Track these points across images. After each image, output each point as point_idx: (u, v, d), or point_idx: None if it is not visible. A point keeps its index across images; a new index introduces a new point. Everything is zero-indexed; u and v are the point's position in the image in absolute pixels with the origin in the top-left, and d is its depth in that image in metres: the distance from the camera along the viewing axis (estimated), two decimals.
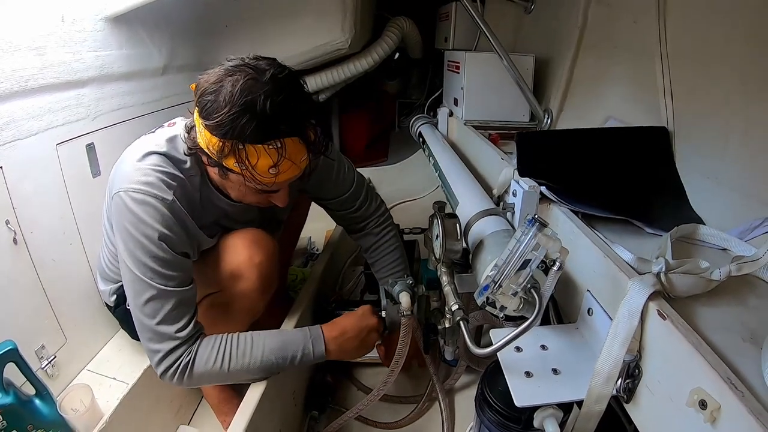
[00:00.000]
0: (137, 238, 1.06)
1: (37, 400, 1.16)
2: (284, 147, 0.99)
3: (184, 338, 1.08)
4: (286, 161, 1.00)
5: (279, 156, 0.99)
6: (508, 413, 0.98)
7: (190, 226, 1.17)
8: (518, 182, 1.16)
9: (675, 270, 0.78)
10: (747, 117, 1.07)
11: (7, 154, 1.22)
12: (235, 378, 1.16)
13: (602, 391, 0.76)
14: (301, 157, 1.04)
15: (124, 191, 1.07)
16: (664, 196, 1.21)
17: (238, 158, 0.99)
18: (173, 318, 1.07)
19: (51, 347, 1.33)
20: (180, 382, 1.09)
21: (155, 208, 1.07)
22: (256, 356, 1.14)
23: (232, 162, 1.01)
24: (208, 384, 1.14)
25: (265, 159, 0.99)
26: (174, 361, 1.08)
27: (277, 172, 1.02)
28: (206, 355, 1.10)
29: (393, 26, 2.68)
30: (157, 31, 1.84)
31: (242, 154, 0.99)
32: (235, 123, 0.96)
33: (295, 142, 1.01)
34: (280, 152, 0.99)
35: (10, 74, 1.22)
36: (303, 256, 2.51)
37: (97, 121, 1.54)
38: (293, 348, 1.19)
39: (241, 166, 1.00)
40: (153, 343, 1.08)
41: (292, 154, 1.01)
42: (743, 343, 0.69)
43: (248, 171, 1.01)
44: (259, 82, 0.97)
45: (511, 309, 0.86)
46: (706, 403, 0.59)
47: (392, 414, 1.57)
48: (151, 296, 1.05)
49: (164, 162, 1.13)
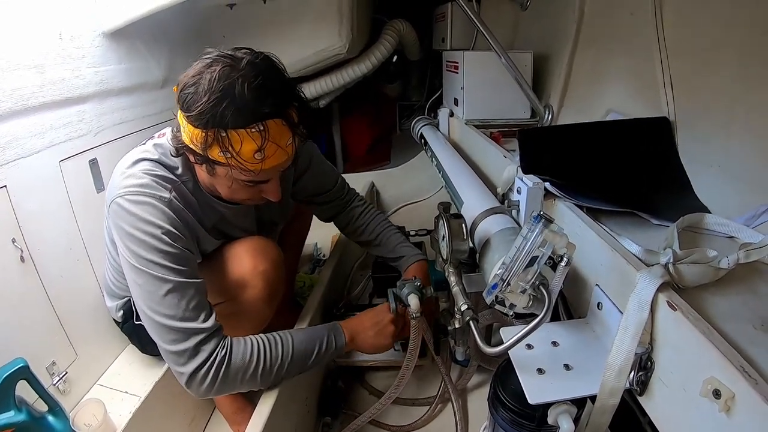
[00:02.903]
0: (140, 237, 1.04)
1: (50, 416, 1.16)
2: (267, 130, 0.99)
3: (209, 330, 1.05)
4: (271, 145, 1.00)
5: (263, 139, 0.99)
6: (521, 411, 0.97)
7: (191, 222, 1.17)
8: (522, 179, 1.16)
9: (683, 260, 0.78)
10: (748, 104, 1.07)
11: (11, 173, 1.23)
12: (270, 375, 1.13)
13: (615, 384, 0.75)
14: (286, 140, 1.04)
15: (120, 196, 1.07)
16: (668, 187, 1.21)
17: (222, 146, 0.99)
18: (194, 310, 1.05)
19: (62, 363, 1.34)
20: (213, 382, 1.05)
21: (154, 206, 1.07)
22: (287, 346, 1.14)
23: (217, 152, 1.01)
24: (238, 387, 1.10)
25: (249, 144, 0.99)
26: (207, 358, 1.03)
27: (263, 157, 1.01)
28: (241, 349, 1.08)
29: (390, 29, 2.68)
30: (155, 45, 1.86)
31: (225, 141, 0.98)
32: (215, 110, 0.96)
33: (278, 123, 1.01)
34: (263, 135, 0.99)
35: (10, 93, 1.23)
36: (310, 263, 2.52)
37: (100, 137, 1.55)
38: (318, 336, 1.20)
39: (226, 155, 1.00)
40: (176, 344, 1.03)
41: (276, 137, 1.01)
42: (755, 330, 0.68)
43: (233, 159, 1.00)
44: (236, 68, 0.98)
45: (521, 306, 0.86)
46: (720, 393, 0.58)
47: (405, 417, 1.57)
48: (167, 291, 1.03)
49: (156, 167, 1.14)
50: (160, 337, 1.06)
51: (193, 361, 1.03)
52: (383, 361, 1.62)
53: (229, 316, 1.28)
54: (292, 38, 2.27)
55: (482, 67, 2.01)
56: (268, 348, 1.12)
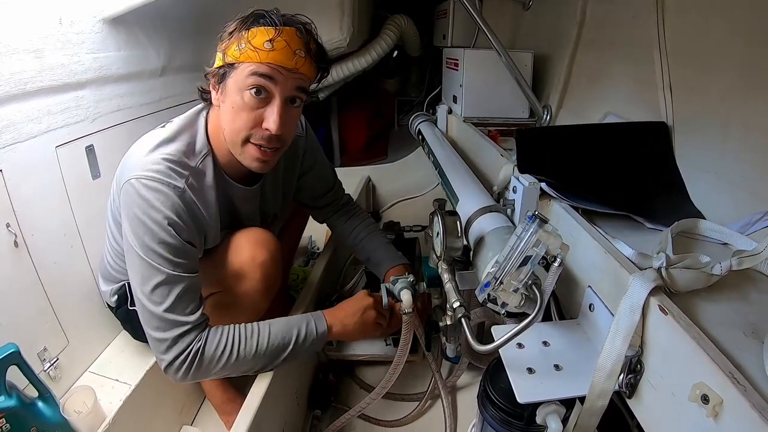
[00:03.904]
0: (146, 223, 1.06)
1: (40, 402, 1.16)
2: (281, 30, 1.07)
3: (192, 324, 1.09)
4: (281, 40, 1.07)
5: (276, 32, 1.07)
6: (510, 410, 0.98)
7: (200, 216, 1.18)
8: (518, 179, 1.16)
9: (676, 265, 0.78)
10: (746, 111, 1.07)
11: (7, 157, 1.22)
12: (244, 365, 1.15)
13: (605, 386, 0.76)
14: (297, 46, 1.10)
15: (136, 178, 1.08)
16: (664, 191, 1.21)
17: (238, 41, 1.08)
18: (181, 304, 1.08)
19: (53, 349, 1.33)
20: (188, 371, 1.09)
21: (166, 195, 1.08)
22: (263, 336, 1.16)
23: (233, 47, 1.09)
24: (215, 375, 1.13)
25: (263, 34, 1.07)
26: (184, 348, 1.07)
27: (272, 48, 1.07)
28: (216, 340, 1.11)
29: (391, 24, 2.68)
30: (155, 33, 1.85)
31: (243, 36, 1.08)
32: (242, 22, 1.09)
33: (292, 31, 1.09)
34: (277, 30, 1.07)
35: (8, 77, 1.22)
36: (304, 256, 2.52)
37: (97, 123, 1.54)
38: (296, 325, 1.22)
39: (240, 47, 1.08)
40: (160, 331, 1.07)
41: (289, 38, 1.08)
42: (745, 337, 0.69)
43: (245, 46, 1.07)
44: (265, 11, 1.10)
45: (513, 305, 0.86)
46: (708, 398, 0.59)
47: (395, 412, 1.58)
48: (159, 281, 1.06)
49: (176, 150, 1.15)
50: (146, 322, 1.10)
51: (171, 350, 1.08)
52: (374, 356, 1.63)
53: (225, 306, 1.29)
54: None
55: (482, 66, 2.01)
56: (242, 338, 1.14)
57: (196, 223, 1.16)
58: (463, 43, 2.43)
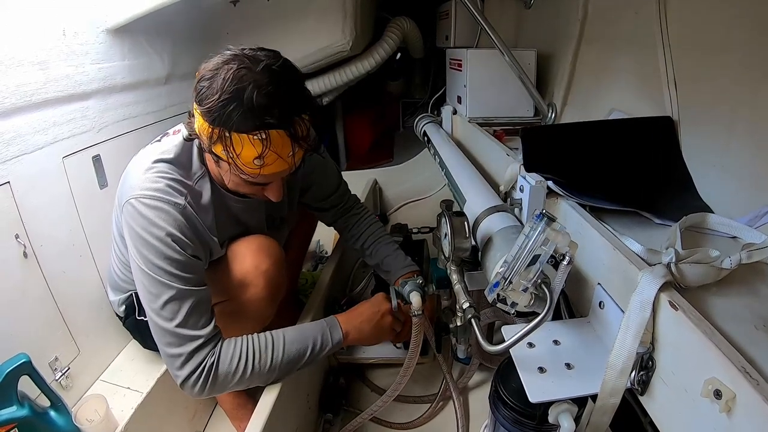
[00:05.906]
0: (150, 241, 1.06)
1: (52, 411, 1.16)
2: (269, 139, 0.98)
3: (205, 337, 1.07)
4: (271, 154, 1.00)
5: (264, 147, 0.99)
6: (522, 410, 0.97)
7: (202, 231, 1.18)
8: (525, 178, 1.16)
9: (685, 260, 0.78)
10: (752, 104, 1.06)
11: (14, 169, 1.23)
12: (260, 376, 1.15)
13: (616, 384, 0.75)
14: (288, 151, 1.03)
15: (135, 198, 1.08)
16: (671, 186, 1.21)
17: (225, 146, 1.00)
18: (192, 318, 1.07)
19: (64, 359, 1.34)
20: (203, 387, 1.08)
21: (167, 212, 1.08)
22: (278, 348, 1.15)
23: (220, 149, 1.01)
24: (232, 388, 1.13)
25: (250, 149, 0.99)
26: (198, 364, 1.06)
27: (262, 164, 1.01)
28: (230, 353, 1.10)
29: (393, 27, 2.69)
30: (158, 41, 1.85)
31: (228, 142, 0.99)
32: (223, 110, 0.96)
33: (281, 135, 1.00)
34: (264, 144, 0.98)
35: (14, 89, 1.23)
36: (312, 260, 2.52)
37: (103, 133, 1.55)
38: (312, 335, 1.21)
39: (228, 154, 1.01)
40: (173, 347, 1.06)
41: (278, 147, 1.01)
42: (756, 331, 0.68)
43: (233, 160, 1.01)
44: (252, 71, 0.98)
45: (522, 305, 0.86)
46: (720, 393, 0.58)
47: (406, 414, 1.57)
48: (168, 298, 1.05)
49: (172, 169, 1.15)
50: (158, 338, 1.09)
51: (186, 366, 1.06)
52: (385, 359, 1.63)
53: (231, 314, 1.28)
54: (296, 35, 2.28)
55: (486, 65, 2.00)
56: (257, 351, 1.13)
57: (199, 238, 1.16)
58: (465, 44, 2.43)
